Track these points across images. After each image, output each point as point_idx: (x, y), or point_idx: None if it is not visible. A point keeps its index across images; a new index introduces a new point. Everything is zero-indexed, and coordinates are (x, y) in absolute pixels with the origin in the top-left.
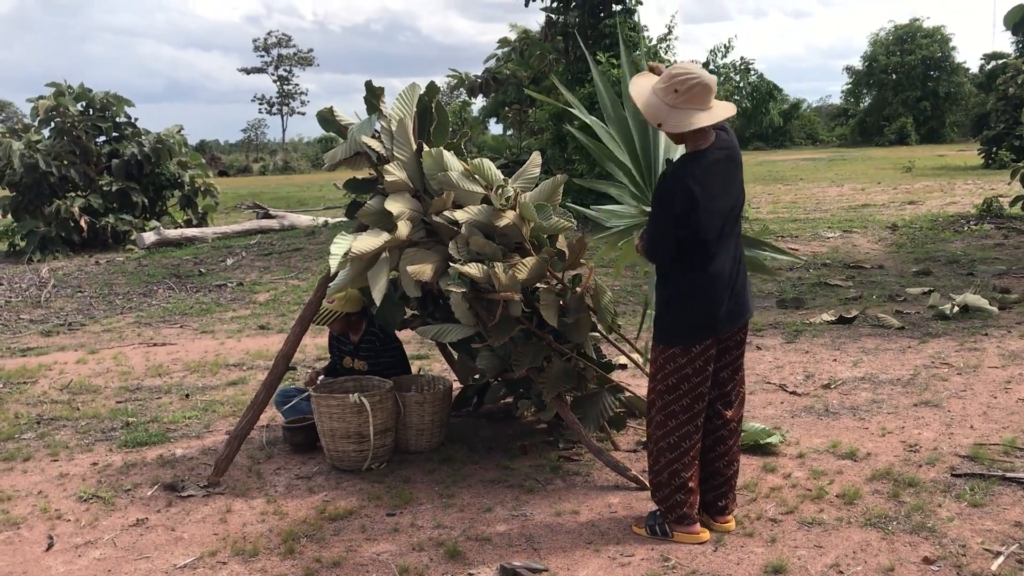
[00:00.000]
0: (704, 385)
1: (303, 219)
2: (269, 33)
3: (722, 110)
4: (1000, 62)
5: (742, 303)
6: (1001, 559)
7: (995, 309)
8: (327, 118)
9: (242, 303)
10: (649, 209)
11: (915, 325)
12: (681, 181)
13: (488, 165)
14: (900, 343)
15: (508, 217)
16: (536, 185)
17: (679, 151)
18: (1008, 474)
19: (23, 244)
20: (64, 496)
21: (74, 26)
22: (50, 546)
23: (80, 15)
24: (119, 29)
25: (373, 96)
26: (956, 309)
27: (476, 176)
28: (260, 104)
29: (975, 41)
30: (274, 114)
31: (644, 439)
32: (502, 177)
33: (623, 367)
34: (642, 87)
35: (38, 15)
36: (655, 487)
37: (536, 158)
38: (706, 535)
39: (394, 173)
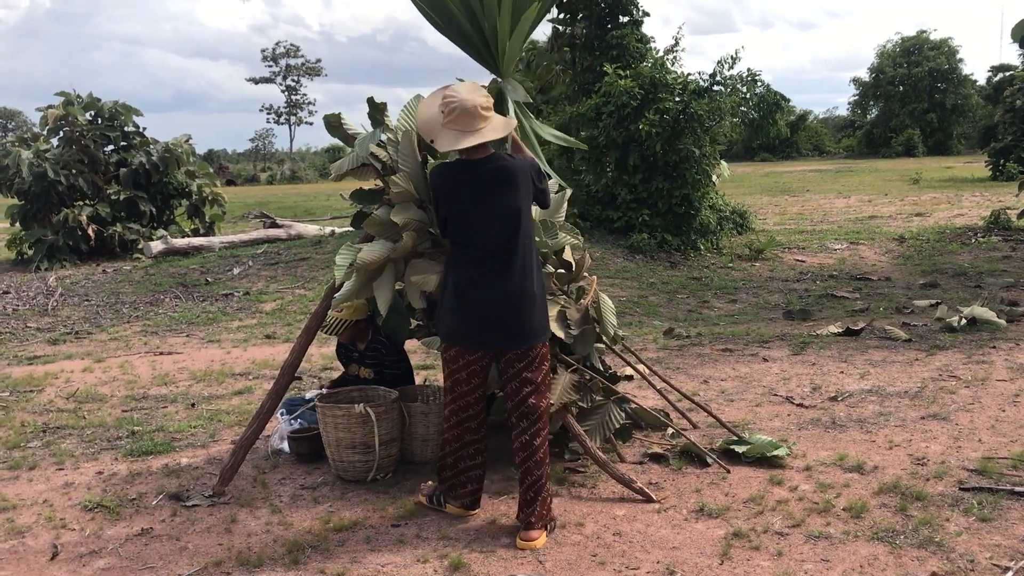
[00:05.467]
0: (471, 395)
1: (310, 229)
2: (277, 43)
3: (491, 131)
4: (1007, 74)
5: (504, 330)
6: (1010, 574)
7: (1003, 322)
8: (334, 124)
9: (248, 312)
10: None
11: (922, 337)
12: (434, 181)
13: None
14: (907, 355)
15: None
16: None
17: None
18: (1017, 488)
19: (31, 252)
20: (69, 505)
21: (82, 35)
22: (55, 555)
23: (88, 24)
24: (127, 38)
25: (376, 111)
26: (964, 322)
27: None
28: (268, 114)
29: (982, 53)
30: (282, 124)
31: (648, 451)
32: None
33: (629, 378)
34: (433, 101)
35: (46, 25)
36: (440, 468)
37: (552, 184)
38: (460, 512)
39: (400, 184)
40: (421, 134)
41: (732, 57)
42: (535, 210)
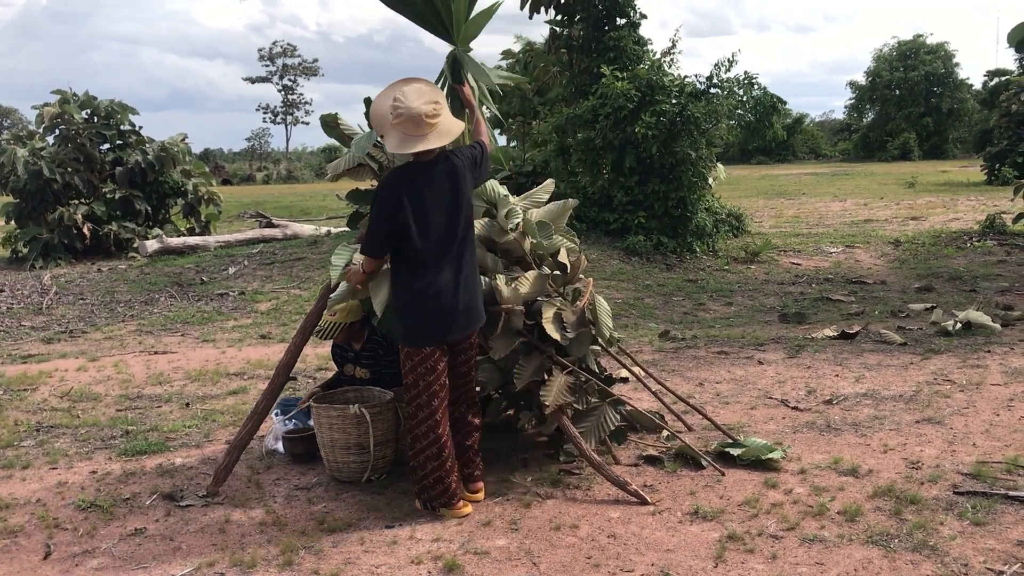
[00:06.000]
0: (436, 385)
1: (306, 228)
2: (274, 43)
3: (436, 138)
4: (1003, 79)
5: (464, 320)
6: None
7: (998, 326)
8: (330, 123)
9: (244, 312)
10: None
11: (917, 341)
12: (393, 187)
13: (491, 181)
14: (902, 359)
15: (510, 233)
16: (543, 206)
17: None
18: (1011, 492)
19: (26, 251)
20: (62, 504)
21: (79, 34)
22: (48, 555)
23: (85, 23)
24: (124, 37)
25: None
26: (959, 326)
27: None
28: (264, 113)
29: (978, 58)
30: (278, 123)
31: (643, 453)
32: (504, 192)
33: (624, 380)
34: (386, 97)
35: (43, 23)
36: (414, 469)
37: (549, 185)
38: (468, 509)
39: None
40: (374, 127)
41: (729, 60)
42: (534, 212)
